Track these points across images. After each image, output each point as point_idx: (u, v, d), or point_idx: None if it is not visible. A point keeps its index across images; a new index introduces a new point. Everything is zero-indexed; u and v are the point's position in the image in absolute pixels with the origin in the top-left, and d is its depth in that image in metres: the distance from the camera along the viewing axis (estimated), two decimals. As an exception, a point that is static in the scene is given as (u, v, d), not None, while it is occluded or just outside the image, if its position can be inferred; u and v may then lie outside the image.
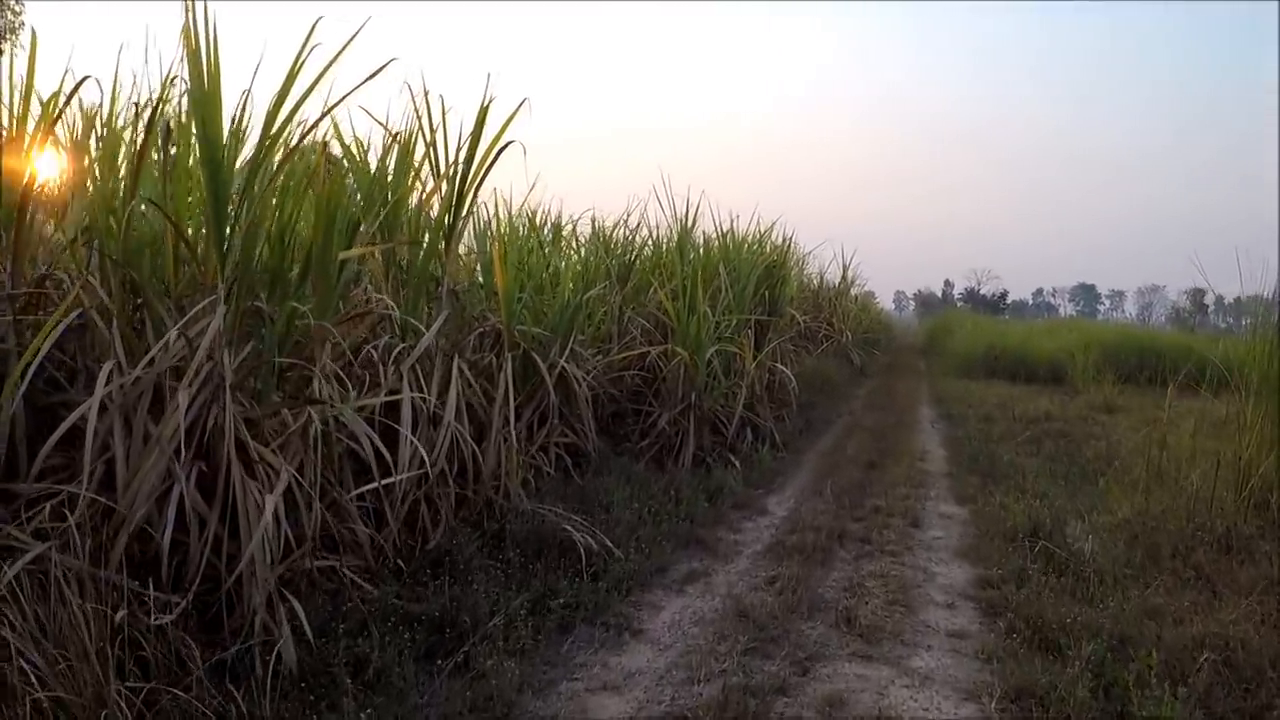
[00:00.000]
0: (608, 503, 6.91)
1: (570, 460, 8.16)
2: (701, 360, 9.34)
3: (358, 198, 6.33)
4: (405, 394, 6.11)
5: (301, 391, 5.38)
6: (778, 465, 9.36)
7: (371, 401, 5.71)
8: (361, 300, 6.89)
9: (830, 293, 22.21)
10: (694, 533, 6.69)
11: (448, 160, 6.65)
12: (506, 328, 7.28)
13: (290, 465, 4.92)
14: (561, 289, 8.26)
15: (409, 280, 6.51)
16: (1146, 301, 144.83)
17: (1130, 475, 8.95)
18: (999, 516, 7.21)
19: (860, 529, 6.92)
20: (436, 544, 5.85)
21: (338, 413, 5.24)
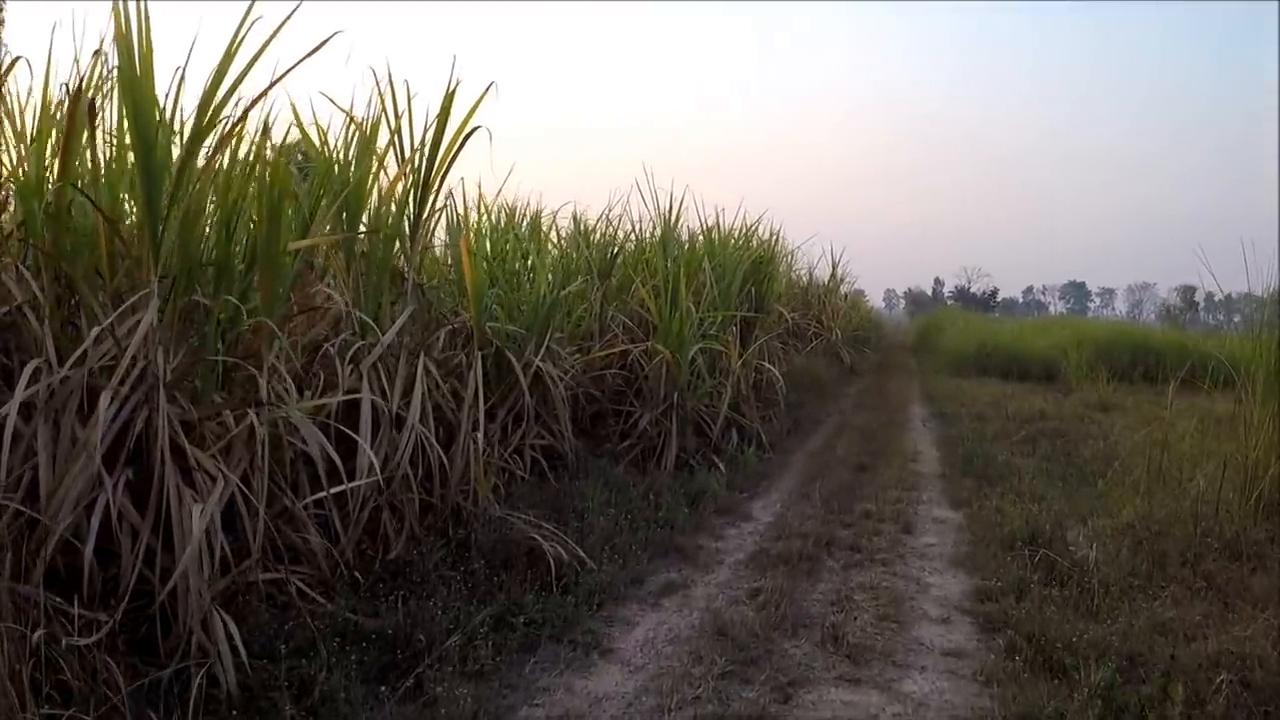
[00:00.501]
0: (583, 509, 6.55)
1: (547, 463, 7.81)
2: (684, 359, 8.98)
3: (311, 187, 5.96)
4: (365, 394, 5.77)
5: (247, 392, 5.01)
6: (764, 467, 9.00)
7: (324, 402, 5.35)
8: (320, 296, 6.56)
9: (819, 290, 21.87)
10: (673, 540, 6.33)
11: (413, 147, 6.29)
12: (476, 325, 6.90)
13: (235, 471, 4.62)
14: (537, 284, 7.89)
15: (369, 274, 6.13)
16: (1137, 299, 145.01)
17: (1130, 476, 8.62)
18: (995, 521, 6.87)
19: (849, 535, 6.56)
20: (398, 554, 5.52)
21: (285, 414, 4.87)
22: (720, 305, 10.70)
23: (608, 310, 10.05)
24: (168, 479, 4.21)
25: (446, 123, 6.31)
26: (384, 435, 5.81)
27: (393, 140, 6.40)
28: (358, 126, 6.33)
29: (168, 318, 4.54)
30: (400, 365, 6.23)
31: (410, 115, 6.37)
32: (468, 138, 6.20)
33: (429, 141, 6.30)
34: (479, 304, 6.87)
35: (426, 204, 6.49)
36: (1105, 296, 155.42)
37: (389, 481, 5.82)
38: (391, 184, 6.33)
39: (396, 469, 5.79)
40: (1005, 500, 7.64)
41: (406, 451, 5.84)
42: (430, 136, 6.28)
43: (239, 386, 5.11)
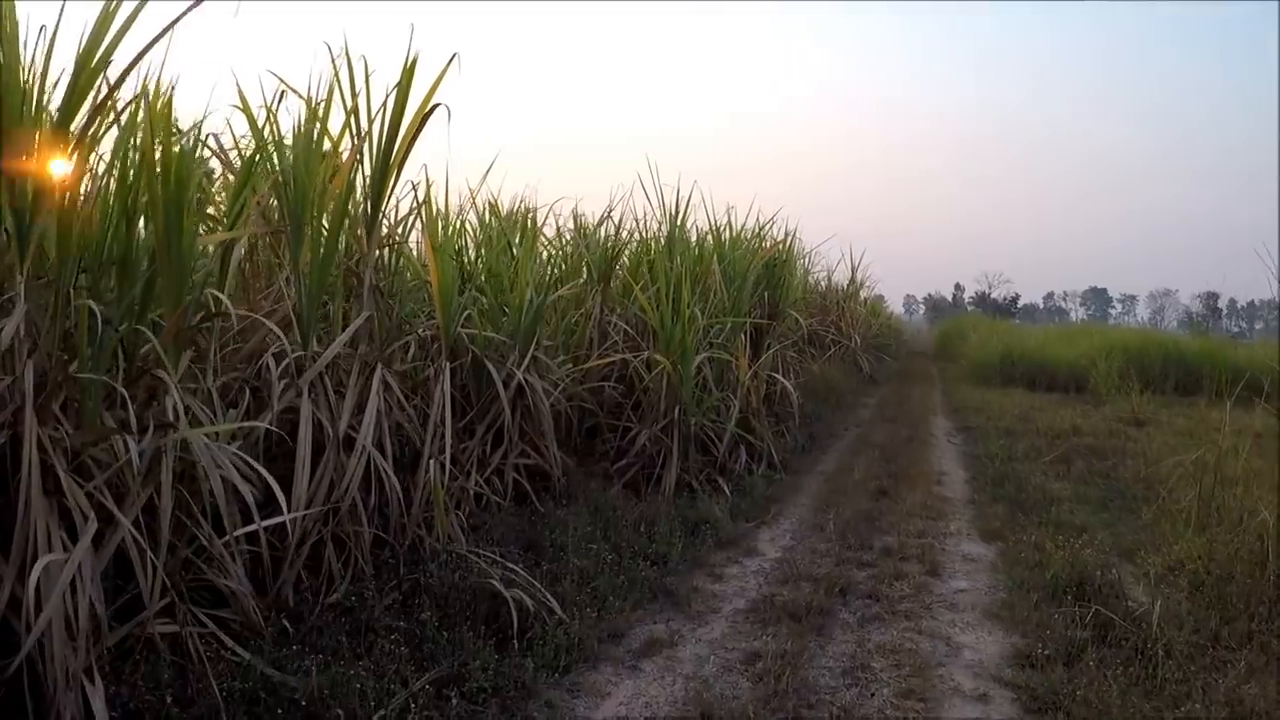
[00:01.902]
0: (562, 542, 5.74)
1: (533, 485, 7.02)
2: (687, 370, 8.15)
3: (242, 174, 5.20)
4: (304, 412, 4.99)
5: (147, 413, 4.22)
6: (774, 490, 8.14)
7: (250, 425, 4.58)
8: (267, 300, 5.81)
9: (838, 295, 21.00)
10: (664, 581, 5.51)
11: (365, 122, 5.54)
12: (444, 332, 6.11)
13: (133, 505, 3.89)
14: (519, 288, 7.08)
15: (311, 273, 5.33)
16: (1159, 305, 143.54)
17: (1179, 505, 7.75)
18: (1034, 561, 6.02)
19: (867, 579, 5.71)
20: (339, 597, 4.76)
21: (188, 437, 4.09)
22: (730, 310, 9.88)
23: (611, 316, 9.25)
24: (34, 516, 3.48)
25: (407, 99, 5.55)
26: (329, 459, 5.03)
27: (348, 122, 5.66)
28: (308, 104, 5.59)
29: (48, 325, 3.80)
30: (352, 379, 5.48)
31: (369, 94, 5.63)
32: (429, 115, 5.42)
33: (387, 121, 5.55)
34: (447, 309, 6.08)
35: (385, 192, 5.72)
36: (1127, 303, 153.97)
37: (334, 512, 5.06)
38: (342, 167, 5.53)
39: (344, 498, 5.00)
40: (1042, 533, 6.80)
41: (355, 478, 5.11)
42: (389, 116, 5.53)
43: (143, 407, 4.34)
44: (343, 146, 5.66)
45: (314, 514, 4.93)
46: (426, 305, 6.86)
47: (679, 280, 8.33)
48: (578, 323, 8.74)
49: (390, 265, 6.43)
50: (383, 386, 5.61)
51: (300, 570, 4.84)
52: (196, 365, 4.85)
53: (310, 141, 5.41)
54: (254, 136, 5.63)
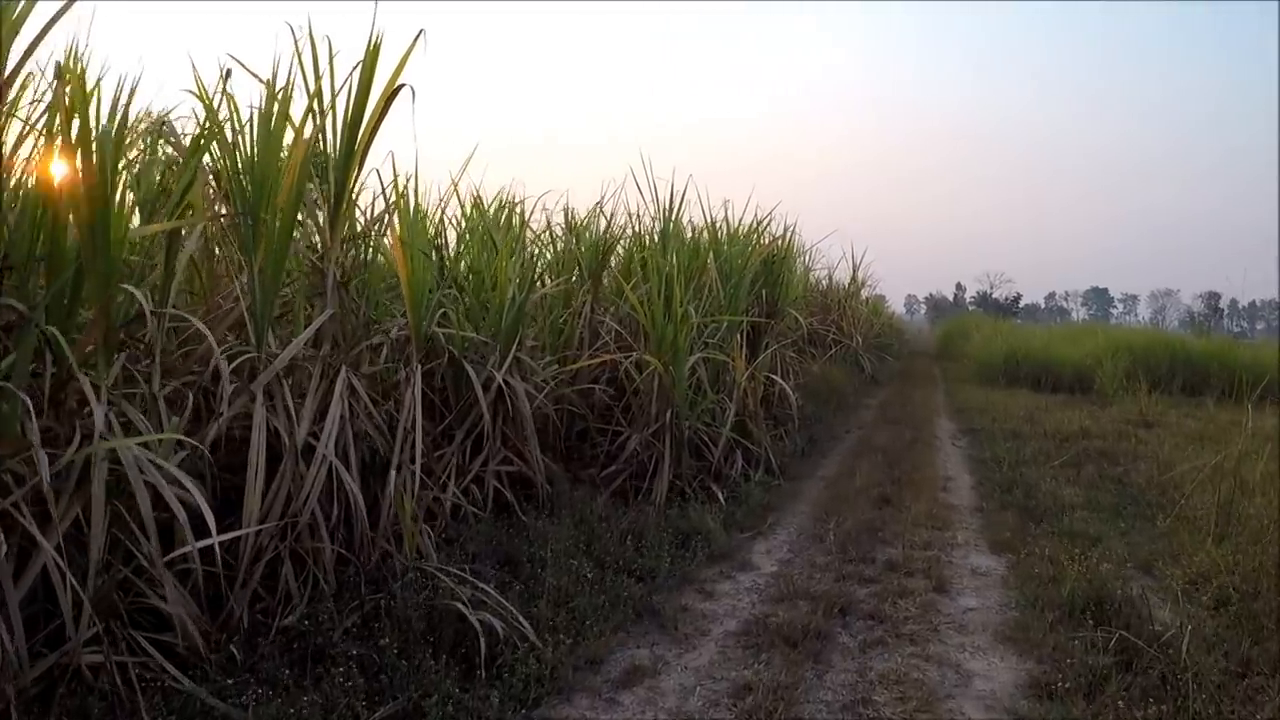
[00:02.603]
0: (541, 557, 5.34)
1: (516, 494, 6.63)
2: (680, 371, 7.74)
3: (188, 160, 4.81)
4: (257, 419, 4.61)
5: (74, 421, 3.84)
6: (771, 498, 7.73)
7: (169, 436, 4.19)
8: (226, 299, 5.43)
9: (839, 294, 20.59)
10: (650, 600, 5.10)
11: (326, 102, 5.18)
12: (415, 332, 5.71)
13: (57, 523, 3.54)
14: (500, 285, 6.68)
15: (265, 269, 4.93)
16: (1160, 305, 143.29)
17: (1197, 512, 7.36)
18: (1047, 575, 5.61)
19: (869, 596, 5.30)
20: (295, 620, 4.39)
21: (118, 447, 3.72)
22: (726, 309, 9.48)
23: (604, 314, 8.84)
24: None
25: (372, 79, 5.18)
26: (286, 470, 4.67)
27: (311, 106, 5.27)
28: (267, 86, 5.20)
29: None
30: (313, 382, 5.09)
31: (332, 76, 5.26)
32: (394, 95, 5.04)
33: (352, 102, 5.19)
34: (418, 307, 5.69)
35: (349, 180, 5.33)
36: (1128, 302, 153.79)
37: (292, 527, 4.65)
38: (294, 146, 5.13)
39: (302, 511, 4.64)
40: (1055, 543, 6.40)
41: (314, 490, 4.74)
42: (354, 97, 5.17)
43: (71, 416, 3.96)
44: (305, 134, 5.27)
45: (270, 529, 4.56)
46: (402, 304, 6.47)
47: (671, 277, 7.92)
48: (566, 322, 8.34)
49: (364, 261, 6.06)
50: (348, 390, 5.24)
51: (259, 589, 4.48)
52: (138, 369, 4.51)
53: (269, 122, 5.03)
54: (209, 119, 5.24)
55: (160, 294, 4.75)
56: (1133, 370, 17.69)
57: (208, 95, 5.22)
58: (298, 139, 5.19)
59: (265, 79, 5.16)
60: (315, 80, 5.27)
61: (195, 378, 4.91)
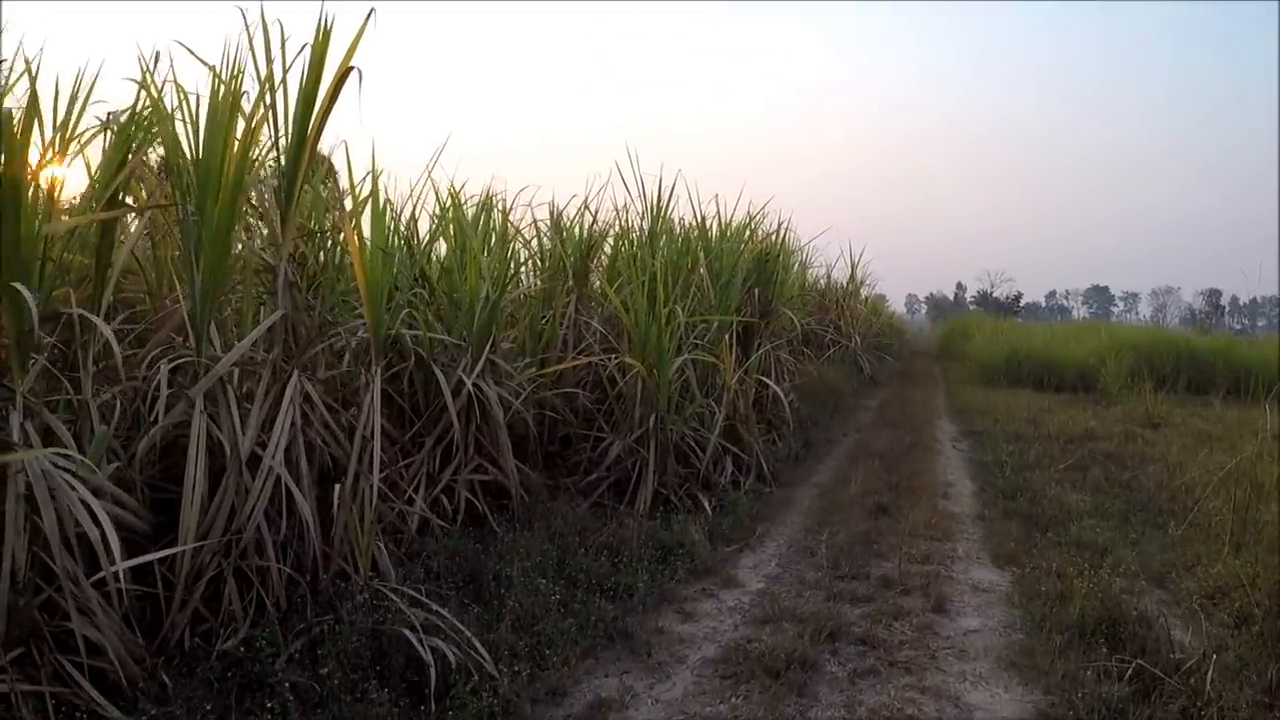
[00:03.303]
0: (508, 575, 4.95)
1: (491, 504, 6.26)
2: (664, 374, 7.34)
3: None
4: (195, 428, 4.28)
5: None
6: (761, 507, 7.33)
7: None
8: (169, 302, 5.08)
9: (838, 293, 20.19)
10: (623, 622, 4.70)
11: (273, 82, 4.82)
12: (374, 334, 5.32)
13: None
14: (471, 283, 6.29)
15: (209, 264, 4.55)
16: (1161, 303, 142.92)
17: (1212, 519, 6.97)
18: (1055, 592, 5.21)
19: (861, 618, 4.88)
20: (236, 644, 4.02)
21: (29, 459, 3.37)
22: (717, 308, 9.08)
23: (584, 315, 8.44)
24: None
25: (324, 62, 4.81)
26: (229, 483, 4.33)
27: (263, 93, 4.90)
28: (217, 76, 4.85)
29: None
30: (260, 388, 4.72)
31: (284, 62, 4.90)
32: (345, 78, 4.66)
33: (302, 88, 4.83)
34: (377, 306, 5.28)
35: (300, 169, 4.95)
36: (1129, 301, 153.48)
37: (238, 543, 4.29)
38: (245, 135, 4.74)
39: (246, 526, 4.29)
40: (1062, 555, 6.01)
41: (260, 503, 4.37)
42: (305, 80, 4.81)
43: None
44: (253, 121, 4.90)
45: (212, 546, 4.19)
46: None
47: (656, 275, 7.53)
48: (547, 323, 7.93)
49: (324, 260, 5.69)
50: (301, 396, 4.87)
51: (201, 610, 4.15)
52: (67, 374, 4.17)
53: (215, 109, 4.68)
54: (153, 108, 4.88)
55: (95, 294, 4.42)
56: (1137, 369, 17.33)
57: (153, 83, 4.88)
58: (246, 126, 4.85)
59: (213, 65, 4.83)
60: (266, 64, 4.92)
61: (139, 384, 4.58)
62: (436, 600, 4.60)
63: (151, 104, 4.81)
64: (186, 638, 4.05)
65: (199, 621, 4.14)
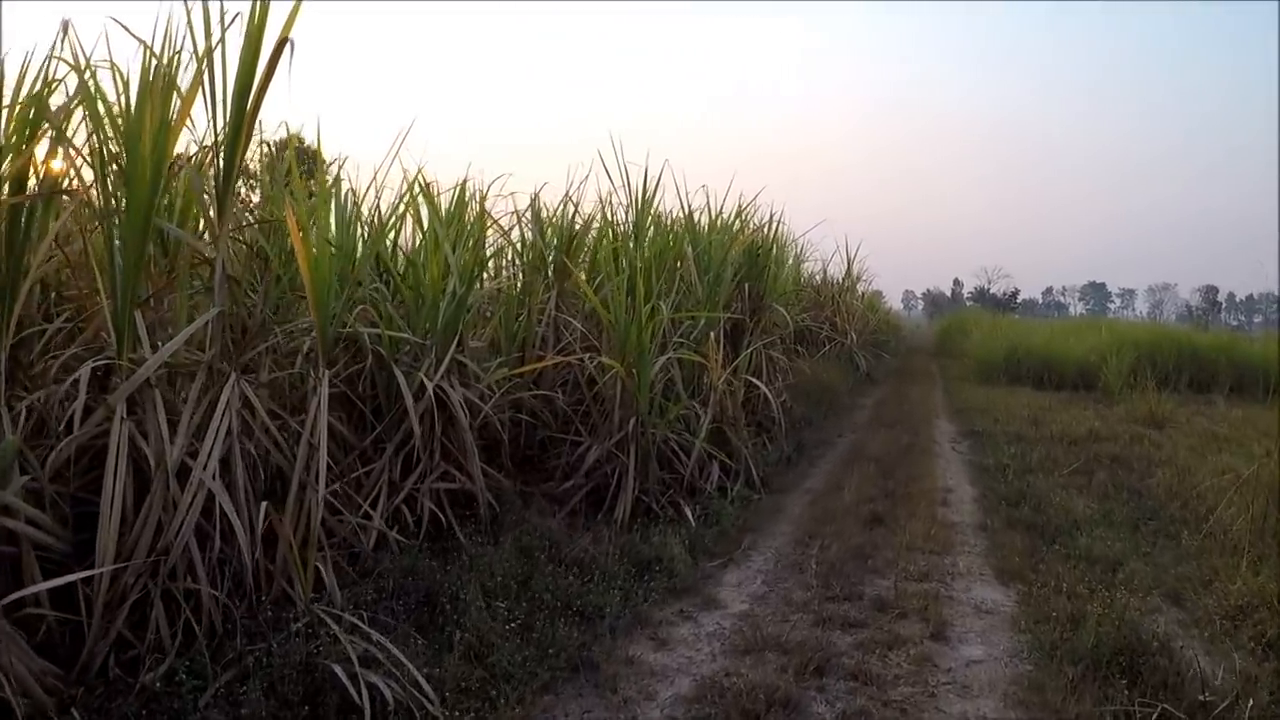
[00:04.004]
0: (467, 596, 4.51)
1: (459, 513, 5.83)
2: (644, 374, 6.87)
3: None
4: (114, 438, 3.87)
5: None
6: (749, 516, 6.89)
7: None
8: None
9: (833, 289, 19.74)
10: (590, 650, 4.25)
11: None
12: (320, 333, 4.87)
13: None
14: (433, 277, 5.85)
15: (125, 258, 4.12)
16: (1157, 299, 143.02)
17: (1227, 527, 6.54)
18: (1065, 614, 4.75)
19: (852, 648, 4.41)
20: (155, 677, 3.61)
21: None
22: (705, 304, 8.64)
23: (563, 312, 7.97)
24: None
25: (261, 37, 4.38)
26: (155, 497, 3.93)
27: (200, 73, 4.48)
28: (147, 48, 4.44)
29: None
30: (192, 393, 4.29)
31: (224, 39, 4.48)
32: (280, 50, 4.21)
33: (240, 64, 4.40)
34: (323, 305, 4.83)
35: (238, 154, 4.52)
36: (1126, 297, 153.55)
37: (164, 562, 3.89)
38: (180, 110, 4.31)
39: (173, 544, 3.90)
40: (1071, 571, 5.57)
41: (189, 519, 3.97)
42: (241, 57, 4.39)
43: None
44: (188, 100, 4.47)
45: (137, 566, 3.79)
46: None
47: (637, 269, 7.07)
48: (521, 320, 7.47)
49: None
50: (239, 401, 4.44)
51: (129, 636, 3.78)
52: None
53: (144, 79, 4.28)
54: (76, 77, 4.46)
55: (5, 290, 3.98)
56: (1138, 367, 16.92)
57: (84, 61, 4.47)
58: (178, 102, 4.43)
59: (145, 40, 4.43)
60: (205, 38, 4.49)
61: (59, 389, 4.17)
62: (383, 626, 4.17)
63: (80, 87, 4.41)
64: (111, 666, 3.68)
65: (126, 648, 3.77)
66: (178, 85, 4.47)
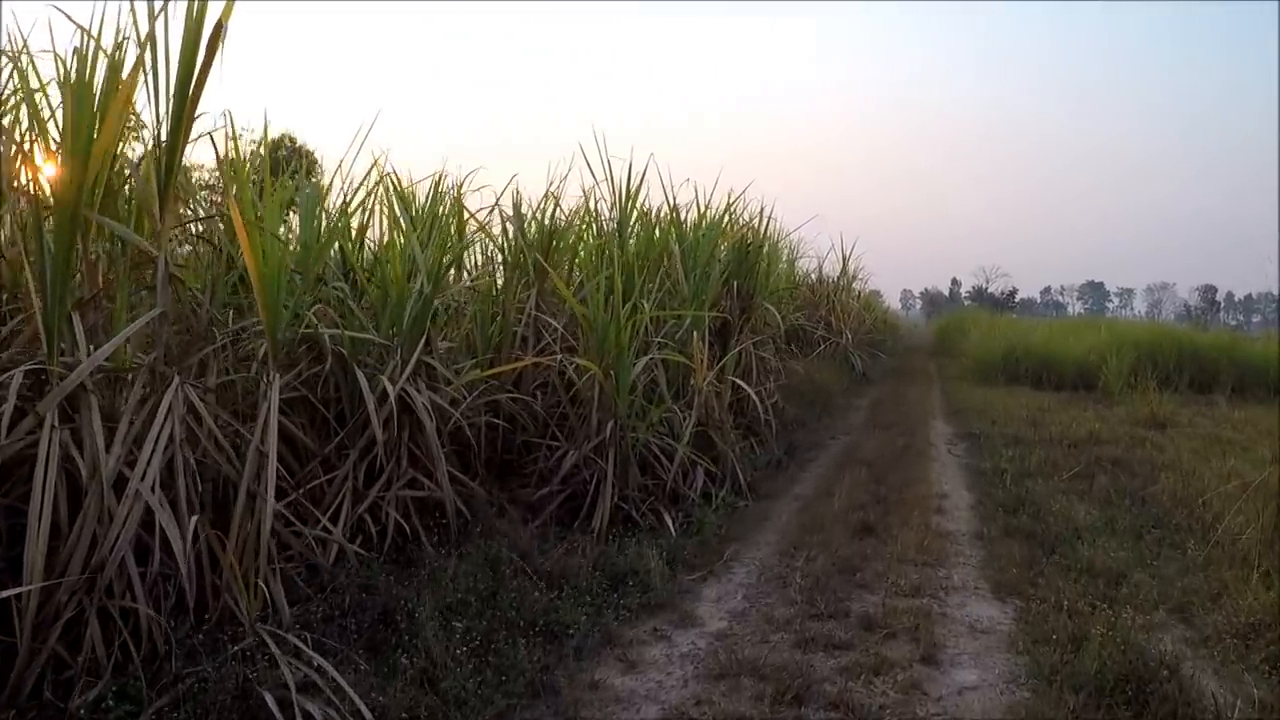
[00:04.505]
0: (423, 614, 4.21)
1: (424, 523, 5.53)
2: (624, 375, 6.56)
3: None
4: (43, 448, 3.66)
5: None
6: (733, 525, 6.57)
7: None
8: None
9: (828, 287, 19.45)
10: (553, 674, 3.94)
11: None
12: (270, 335, 4.57)
13: None
14: (395, 274, 5.55)
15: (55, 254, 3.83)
16: (1156, 299, 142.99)
17: (1235, 535, 6.25)
18: (1066, 634, 4.44)
19: (836, 673, 4.08)
20: (88, 701, 3.41)
21: None
22: (691, 303, 8.33)
23: (545, 312, 7.65)
24: None
25: (204, 19, 4.10)
26: (89, 510, 3.71)
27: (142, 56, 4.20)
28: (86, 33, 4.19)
29: None
30: (130, 399, 4.01)
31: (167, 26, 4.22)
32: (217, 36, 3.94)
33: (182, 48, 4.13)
34: (273, 305, 4.52)
35: (179, 144, 4.22)
36: (1124, 296, 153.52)
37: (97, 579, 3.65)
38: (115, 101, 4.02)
39: (108, 559, 3.67)
40: (1072, 585, 5.27)
41: (125, 533, 3.73)
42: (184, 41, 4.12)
43: None
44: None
45: (71, 583, 3.56)
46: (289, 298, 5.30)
47: (616, 266, 6.76)
48: (496, 320, 7.16)
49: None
50: (184, 407, 4.15)
51: (64, 655, 3.56)
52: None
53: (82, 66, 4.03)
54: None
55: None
56: (1138, 367, 16.63)
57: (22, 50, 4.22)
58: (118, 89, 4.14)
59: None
60: (150, 21, 4.23)
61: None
62: (330, 648, 3.88)
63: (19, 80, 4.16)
64: (45, 688, 3.47)
65: (63, 668, 3.55)
66: (121, 73, 4.20)
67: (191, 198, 6.02)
